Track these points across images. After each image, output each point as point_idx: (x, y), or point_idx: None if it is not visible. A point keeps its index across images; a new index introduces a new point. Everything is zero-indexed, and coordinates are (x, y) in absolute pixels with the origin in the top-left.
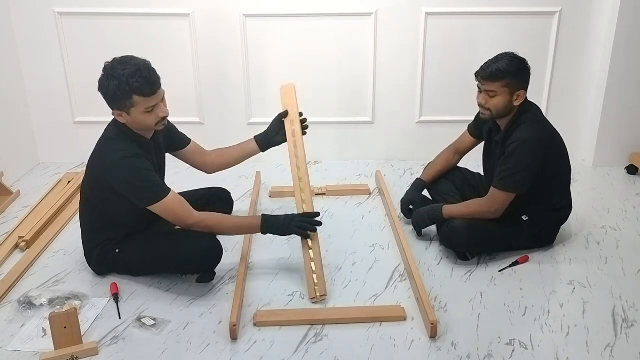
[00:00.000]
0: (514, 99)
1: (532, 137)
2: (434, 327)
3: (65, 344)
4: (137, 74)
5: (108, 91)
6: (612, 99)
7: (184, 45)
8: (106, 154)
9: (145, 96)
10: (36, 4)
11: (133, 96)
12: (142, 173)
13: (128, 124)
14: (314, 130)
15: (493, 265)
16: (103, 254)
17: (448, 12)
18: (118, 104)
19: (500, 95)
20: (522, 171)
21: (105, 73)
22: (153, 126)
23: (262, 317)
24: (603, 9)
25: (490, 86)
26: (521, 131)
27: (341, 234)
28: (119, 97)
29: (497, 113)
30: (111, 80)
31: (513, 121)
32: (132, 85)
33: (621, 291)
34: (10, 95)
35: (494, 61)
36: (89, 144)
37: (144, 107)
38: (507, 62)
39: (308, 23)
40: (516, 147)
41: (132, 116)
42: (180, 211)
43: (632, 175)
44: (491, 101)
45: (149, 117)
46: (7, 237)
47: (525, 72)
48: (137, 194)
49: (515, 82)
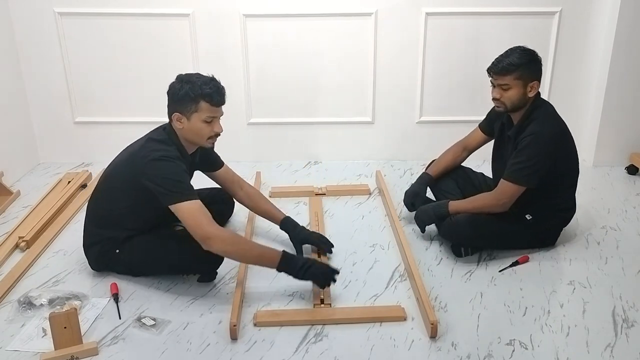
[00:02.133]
0: (527, 90)
1: (546, 131)
2: (434, 327)
3: (65, 344)
4: (211, 83)
5: (179, 92)
6: (612, 99)
7: (184, 45)
8: (147, 150)
9: (212, 105)
10: (36, 4)
11: (201, 101)
12: (178, 170)
13: (183, 130)
14: (314, 130)
15: (493, 265)
16: (103, 252)
17: (448, 12)
18: (183, 107)
19: (514, 87)
20: (534, 164)
21: (179, 78)
22: (205, 139)
23: (263, 317)
24: (603, 9)
25: (503, 80)
26: (535, 125)
27: (341, 234)
28: (187, 99)
29: (512, 106)
30: (185, 83)
31: (526, 116)
32: (204, 91)
33: (621, 291)
34: (10, 95)
35: (505, 55)
36: (89, 144)
37: (205, 116)
38: (519, 55)
39: (308, 23)
40: (530, 141)
41: (192, 122)
42: (203, 217)
43: (632, 175)
44: (505, 94)
45: (206, 127)
46: (7, 237)
47: (536, 62)
48: (166, 188)
49: (528, 74)
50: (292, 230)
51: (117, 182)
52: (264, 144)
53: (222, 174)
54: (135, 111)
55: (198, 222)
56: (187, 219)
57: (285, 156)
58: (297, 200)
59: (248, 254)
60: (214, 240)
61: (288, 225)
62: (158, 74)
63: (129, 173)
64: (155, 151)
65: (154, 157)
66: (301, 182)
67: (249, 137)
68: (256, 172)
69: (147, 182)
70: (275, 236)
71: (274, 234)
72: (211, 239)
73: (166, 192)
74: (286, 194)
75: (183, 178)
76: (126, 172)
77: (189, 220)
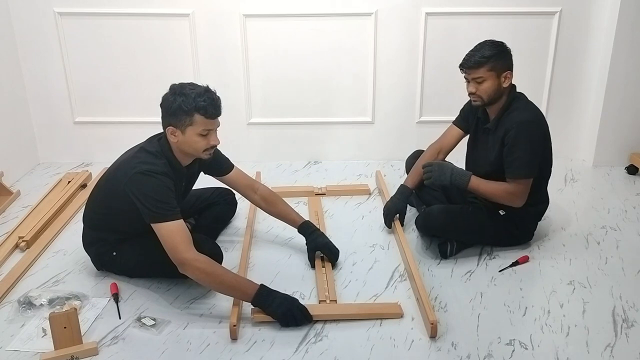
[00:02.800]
0: (502, 81)
1: (530, 119)
2: (434, 327)
3: (65, 344)
4: (205, 94)
5: (172, 105)
6: (612, 99)
7: (184, 45)
8: (135, 162)
9: (207, 117)
10: (36, 4)
11: (195, 114)
12: (161, 188)
13: (178, 144)
14: (314, 130)
15: (493, 265)
16: (100, 254)
17: (448, 12)
18: (177, 120)
19: (488, 79)
20: (531, 153)
21: (173, 90)
22: (201, 152)
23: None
24: (603, 9)
25: (477, 73)
26: (517, 115)
27: (341, 234)
28: (181, 112)
29: (489, 98)
30: (178, 95)
31: (505, 107)
32: (198, 104)
33: (621, 291)
34: (10, 95)
35: (476, 49)
36: (89, 144)
37: (200, 129)
38: (489, 47)
39: (308, 23)
40: (517, 133)
41: (186, 136)
42: (180, 241)
43: (632, 175)
44: (481, 87)
45: (202, 140)
46: (7, 237)
47: (507, 53)
48: (147, 205)
49: (500, 64)
50: (308, 235)
51: (110, 186)
52: (263, 144)
53: (232, 178)
54: (135, 111)
55: (174, 245)
56: (165, 241)
57: (285, 156)
58: (297, 200)
59: (222, 285)
60: (189, 267)
61: (305, 229)
62: (158, 74)
63: (117, 183)
64: (142, 164)
65: (140, 169)
66: (301, 182)
67: (249, 137)
68: (256, 172)
69: (130, 194)
70: (274, 238)
71: (272, 235)
72: (186, 265)
73: (146, 210)
74: (286, 194)
75: (165, 197)
76: (117, 178)
77: (166, 242)
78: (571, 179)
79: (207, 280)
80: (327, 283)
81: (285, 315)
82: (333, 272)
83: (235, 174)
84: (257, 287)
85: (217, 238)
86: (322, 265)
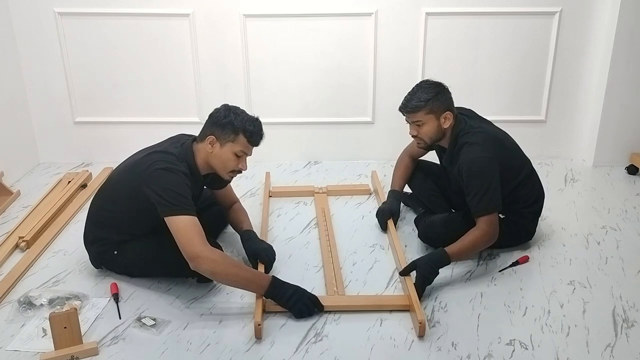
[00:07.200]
0: (442, 122)
1: (474, 156)
2: (422, 327)
3: (65, 344)
4: (255, 123)
5: (223, 118)
6: (612, 99)
7: (184, 45)
8: (155, 159)
9: (249, 142)
10: (36, 4)
11: (241, 134)
12: (181, 184)
13: (211, 155)
14: (315, 130)
15: (493, 265)
16: (101, 252)
17: (448, 12)
18: (222, 132)
19: (428, 122)
20: (488, 188)
21: (226, 107)
22: (227, 171)
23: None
24: (603, 9)
25: (415, 117)
26: (464, 153)
27: (341, 234)
28: (229, 127)
29: (431, 140)
30: (232, 113)
31: (453, 144)
32: (247, 127)
33: (621, 291)
34: (10, 95)
35: (412, 93)
36: (89, 144)
37: (239, 149)
38: (425, 90)
39: (308, 23)
40: (469, 173)
41: (223, 150)
42: (197, 234)
43: (632, 175)
44: (422, 130)
45: (234, 160)
46: (7, 237)
47: (444, 93)
48: (165, 198)
49: (437, 106)
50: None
51: (120, 186)
52: (263, 144)
53: (221, 192)
54: (136, 111)
55: (189, 238)
56: (178, 234)
57: (285, 156)
58: (298, 200)
59: (236, 278)
60: (203, 260)
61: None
62: (158, 74)
63: (133, 180)
64: (163, 162)
65: (160, 166)
66: (301, 182)
67: None
68: (265, 172)
69: (147, 190)
70: (275, 238)
71: (272, 235)
72: (200, 258)
73: (164, 202)
74: (286, 194)
75: (185, 192)
76: (130, 178)
77: (180, 235)
78: (571, 179)
79: (223, 274)
80: (335, 278)
81: (298, 306)
82: (340, 271)
83: (228, 189)
84: (270, 279)
85: (218, 238)
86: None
